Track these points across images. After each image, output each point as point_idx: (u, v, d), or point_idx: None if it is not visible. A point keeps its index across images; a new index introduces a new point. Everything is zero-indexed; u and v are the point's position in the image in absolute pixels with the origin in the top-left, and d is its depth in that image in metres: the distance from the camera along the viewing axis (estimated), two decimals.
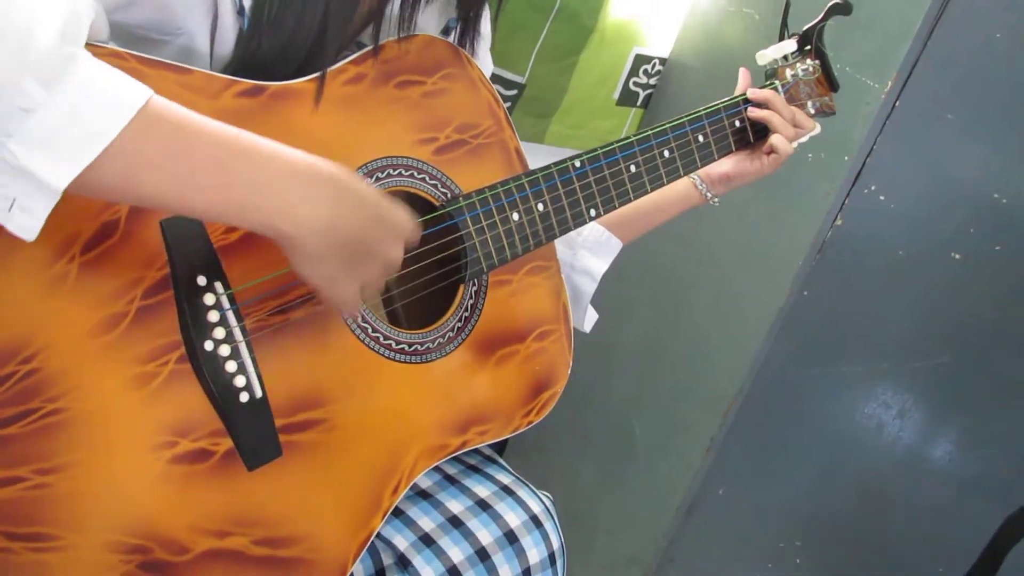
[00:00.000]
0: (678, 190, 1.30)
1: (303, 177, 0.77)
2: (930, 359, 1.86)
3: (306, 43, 0.93)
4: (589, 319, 1.31)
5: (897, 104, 1.62)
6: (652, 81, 2.13)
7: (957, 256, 1.77)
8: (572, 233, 1.22)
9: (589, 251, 1.28)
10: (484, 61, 1.19)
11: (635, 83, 2.11)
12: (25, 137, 0.63)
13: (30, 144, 0.64)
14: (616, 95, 2.11)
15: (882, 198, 1.70)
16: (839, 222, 1.69)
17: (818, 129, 1.33)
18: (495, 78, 1.86)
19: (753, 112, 1.25)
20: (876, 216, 1.71)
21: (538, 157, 1.14)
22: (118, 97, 0.67)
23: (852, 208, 1.69)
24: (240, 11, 0.90)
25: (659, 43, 2.09)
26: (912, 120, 1.64)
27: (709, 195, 1.31)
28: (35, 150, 0.64)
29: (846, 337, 1.84)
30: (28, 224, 0.66)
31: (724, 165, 1.29)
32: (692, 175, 1.30)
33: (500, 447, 2.45)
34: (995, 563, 1.48)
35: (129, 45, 0.88)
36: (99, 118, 0.66)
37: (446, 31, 1.11)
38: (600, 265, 1.28)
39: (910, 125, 1.64)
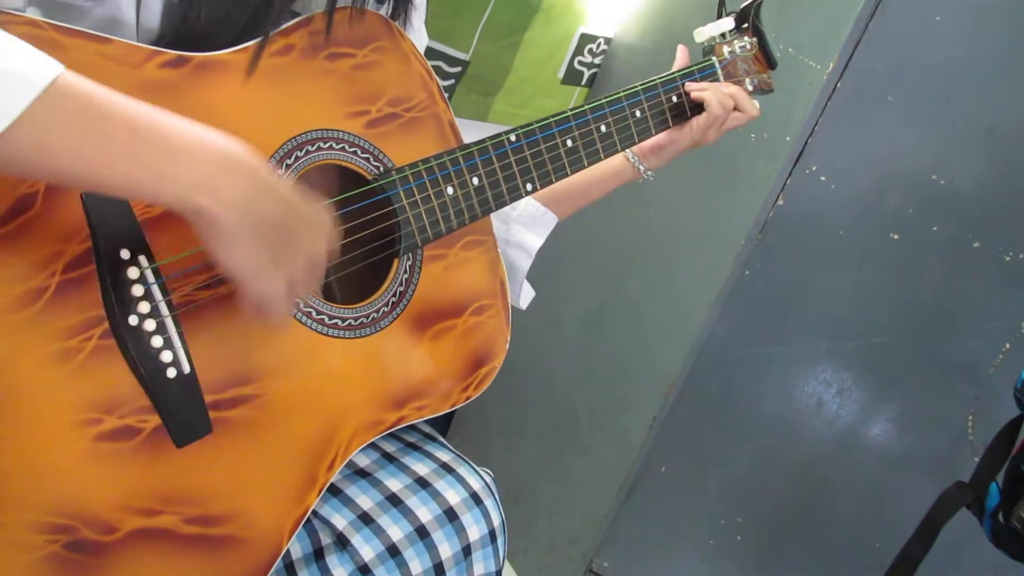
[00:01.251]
0: (611, 165, 1.30)
1: (221, 152, 0.75)
2: (869, 338, 1.88)
3: (248, 10, 0.91)
4: (525, 295, 1.30)
5: (838, 85, 1.63)
6: (597, 60, 2.13)
7: (896, 236, 1.79)
8: (507, 208, 1.22)
9: (524, 226, 1.27)
10: (419, 34, 1.17)
11: (580, 62, 2.11)
12: None
13: None
14: (561, 74, 2.10)
15: (823, 178, 1.71)
16: (780, 202, 1.70)
17: (758, 113, 1.34)
18: (439, 55, 1.85)
19: (690, 86, 1.25)
20: (817, 196, 1.73)
21: (481, 135, 1.13)
22: (24, 73, 0.65)
23: (793, 188, 1.70)
24: None
25: (604, 22, 2.09)
26: (853, 101, 1.65)
27: (642, 168, 1.31)
28: None
29: (787, 316, 1.86)
30: None
31: (655, 136, 1.29)
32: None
33: (444, 426, 2.44)
34: (931, 537, 1.50)
35: (50, 13, 0.85)
36: (4, 95, 0.63)
37: (378, 1, 1.10)
38: (535, 240, 1.28)
39: (851, 106, 1.66)
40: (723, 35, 1.30)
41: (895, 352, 1.89)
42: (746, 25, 1.30)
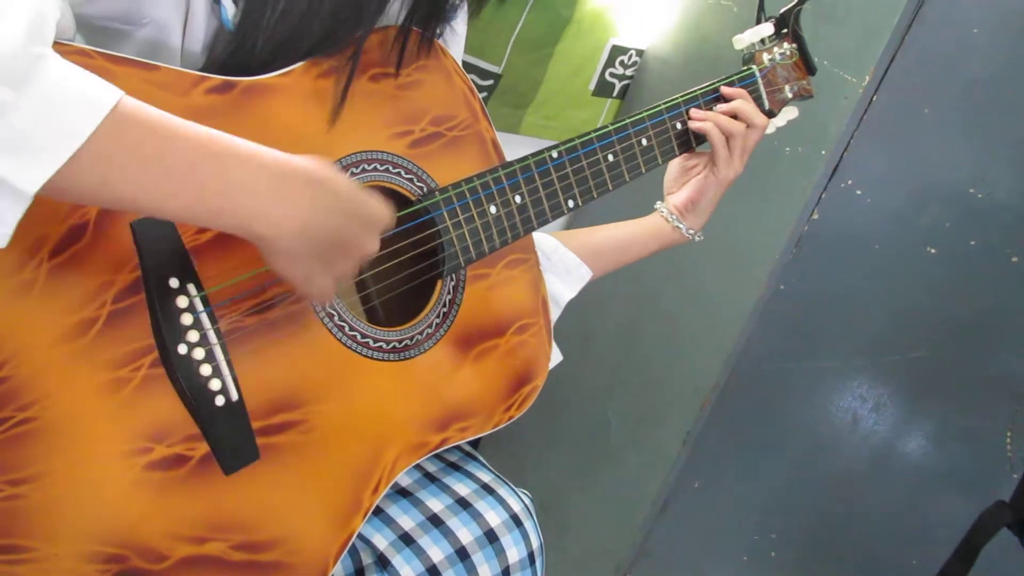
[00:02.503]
0: (647, 226, 1.30)
1: (279, 178, 0.75)
2: (905, 353, 1.86)
3: (309, 41, 0.91)
4: (554, 357, 1.25)
5: (874, 98, 1.62)
6: (629, 72, 2.12)
7: (932, 251, 1.77)
8: (542, 258, 1.21)
9: (557, 277, 1.26)
10: (460, 43, 1.16)
11: (611, 74, 2.10)
12: None
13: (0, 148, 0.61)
14: (592, 86, 2.10)
15: (859, 192, 1.70)
16: (816, 216, 1.69)
17: (795, 113, 1.32)
18: (471, 68, 1.85)
19: (693, 113, 1.23)
20: (852, 210, 1.72)
21: (513, 147, 1.13)
22: (89, 98, 0.65)
23: (829, 202, 1.69)
24: (217, 0, 0.88)
25: (636, 34, 2.08)
26: (889, 115, 1.64)
27: (683, 227, 1.29)
28: (4, 154, 0.61)
29: (822, 331, 1.84)
30: None
31: (684, 192, 1.28)
32: (660, 209, 1.30)
33: (475, 440, 2.44)
34: (971, 557, 1.48)
35: (93, 37, 0.85)
36: (70, 119, 0.63)
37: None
38: (567, 292, 1.27)
39: (887, 120, 1.64)
40: (763, 41, 1.29)
41: (932, 367, 1.87)
42: (785, 31, 1.28)
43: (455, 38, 1.11)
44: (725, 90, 1.24)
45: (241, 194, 0.73)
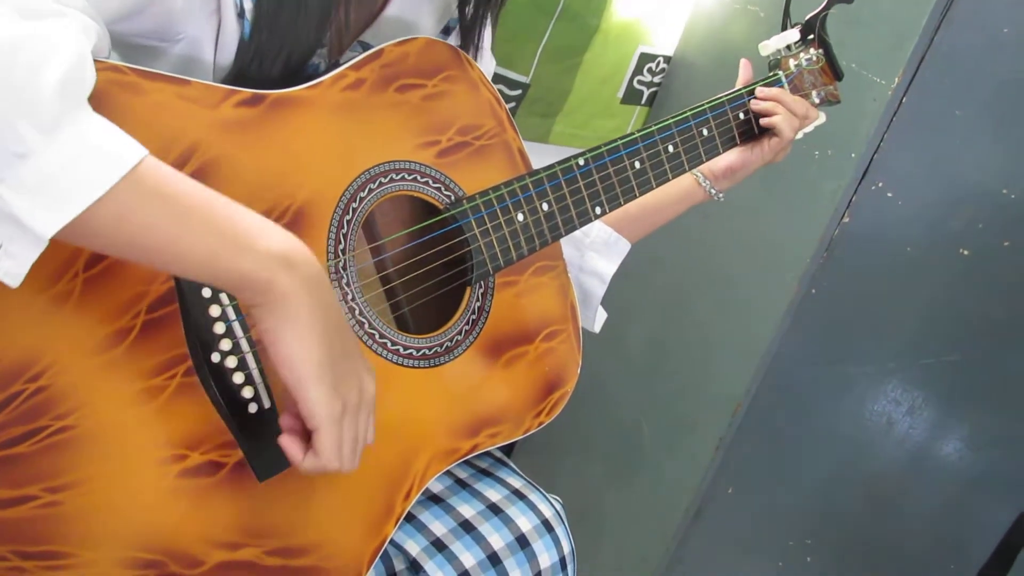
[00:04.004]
0: (681, 187, 1.30)
1: (290, 239, 0.76)
2: (939, 356, 1.85)
3: (303, 44, 0.92)
4: (599, 319, 1.30)
5: (904, 101, 1.61)
6: (657, 79, 2.12)
7: (966, 252, 1.76)
8: (579, 234, 1.22)
9: (597, 253, 1.27)
10: (488, 60, 1.18)
11: (639, 81, 2.11)
12: (17, 183, 0.63)
13: (21, 190, 0.63)
14: (620, 93, 2.10)
15: (890, 195, 1.69)
16: (846, 219, 1.69)
17: (823, 118, 1.32)
18: (499, 78, 1.86)
19: (756, 104, 1.24)
20: (884, 213, 1.71)
21: (543, 157, 1.13)
22: (113, 152, 0.67)
23: (859, 205, 1.68)
24: (240, 14, 0.89)
25: (664, 41, 2.08)
26: (919, 117, 1.63)
27: (713, 191, 1.30)
28: (25, 197, 0.63)
29: (855, 335, 1.84)
30: (13, 270, 0.66)
31: (727, 157, 1.28)
32: (695, 172, 1.30)
33: (508, 448, 2.44)
34: (1009, 558, 1.47)
35: (129, 54, 0.87)
36: (93, 170, 0.65)
37: (446, 31, 1.11)
38: (608, 267, 1.27)
39: (917, 122, 1.63)
40: (788, 47, 1.29)
41: (966, 370, 1.86)
42: (812, 37, 1.28)
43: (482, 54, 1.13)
44: (761, 91, 1.25)
45: (259, 237, 0.73)
